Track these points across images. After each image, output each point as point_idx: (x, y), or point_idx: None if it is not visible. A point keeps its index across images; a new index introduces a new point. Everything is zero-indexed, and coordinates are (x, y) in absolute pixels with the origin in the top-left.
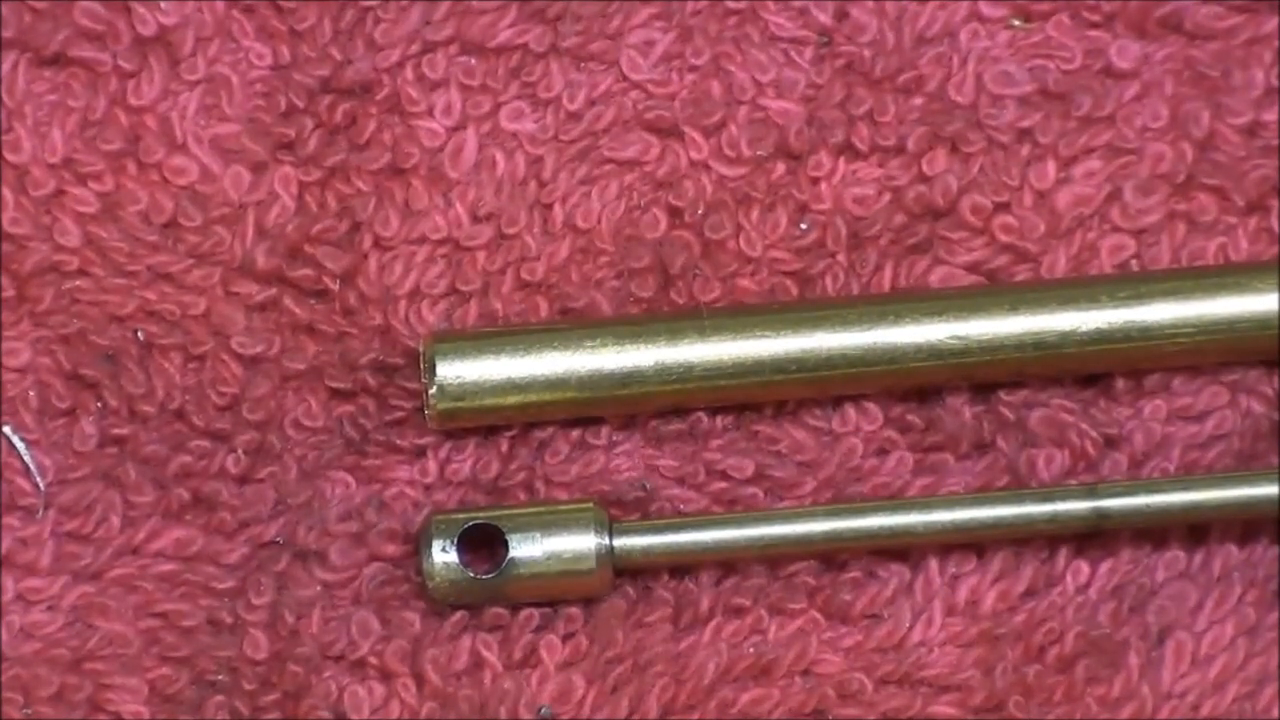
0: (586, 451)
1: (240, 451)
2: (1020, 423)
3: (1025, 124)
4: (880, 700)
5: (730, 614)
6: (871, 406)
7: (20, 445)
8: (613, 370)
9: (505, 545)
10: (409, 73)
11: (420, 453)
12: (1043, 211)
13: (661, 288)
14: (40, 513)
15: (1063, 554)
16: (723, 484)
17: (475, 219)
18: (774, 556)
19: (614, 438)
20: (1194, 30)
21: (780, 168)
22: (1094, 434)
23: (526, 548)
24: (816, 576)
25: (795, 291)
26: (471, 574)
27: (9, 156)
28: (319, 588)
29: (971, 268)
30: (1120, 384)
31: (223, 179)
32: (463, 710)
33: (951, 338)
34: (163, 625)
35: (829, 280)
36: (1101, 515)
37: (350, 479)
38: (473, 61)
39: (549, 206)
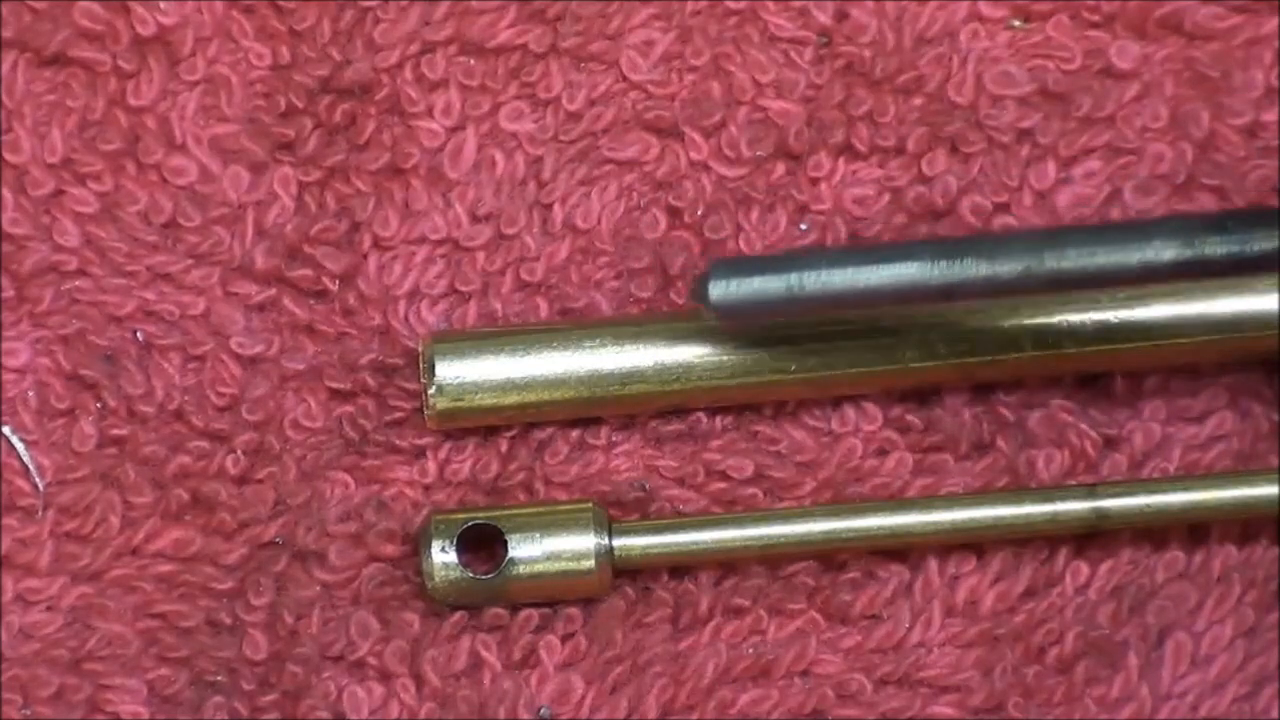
0: (586, 452)
1: (240, 452)
2: (1020, 423)
3: (1025, 124)
4: (880, 701)
5: (730, 614)
6: (871, 406)
7: (20, 445)
8: (612, 370)
9: (505, 545)
10: (409, 73)
11: (420, 453)
12: (1043, 211)
13: (661, 288)
14: (40, 513)
15: (1062, 554)
16: (722, 484)
17: (475, 219)
18: (774, 557)
19: (613, 438)
20: (1194, 30)
21: (780, 168)
22: (1094, 434)
23: (526, 548)
24: (816, 577)
25: None
26: (471, 574)
27: (9, 156)
28: (318, 588)
29: None
30: (1120, 384)
31: (222, 179)
32: (462, 711)
33: (951, 337)
34: (162, 626)
35: None
36: (1101, 515)
37: (350, 479)
38: (472, 61)
39: (549, 206)
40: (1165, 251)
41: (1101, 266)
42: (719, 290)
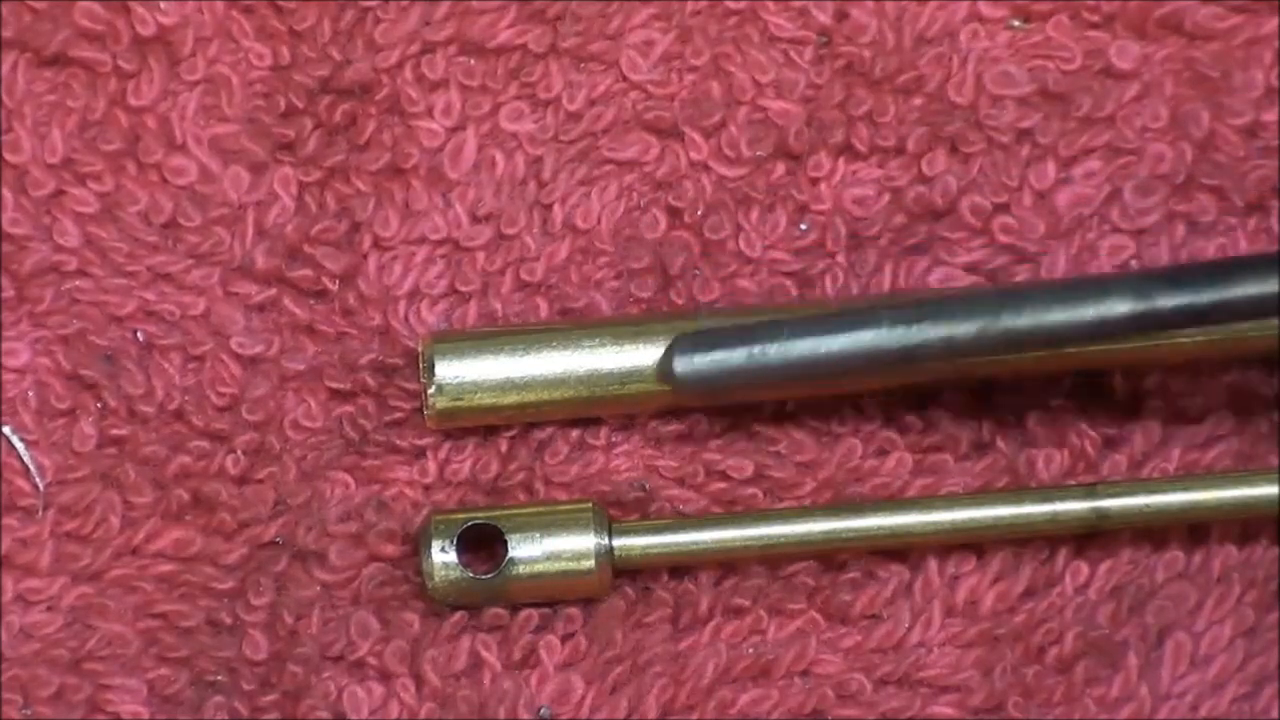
0: (586, 452)
1: (240, 452)
2: (1020, 423)
3: (1025, 124)
4: (879, 701)
5: (730, 614)
6: (871, 406)
7: (20, 445)
8: (611, 369)
9: (505, 545)
10: (409, 73)
11: (420, 453)
12: (1042, 212)
13: (661, 288)
14: (40, 513)
15: (1062, 554)
16: (722, 484)
17: (475, 219)
18: (774, 556)
19: (613, 438)
20: (1194, 30)
21: (780, 168)
22: (1094, 434)
23: (526, 548)
24: (816, 577)
25: (795, 292)
26: (471, 574)
27: (9, 156)
28: (318, 588)
29: (971, 268)
30: (1120, 384)
31: (222, 179)
32: (462, 711)
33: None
34: (162, 626)
35: (828, 281)
36: (1101, 515)
37: (350, 479)
38: (473, 62)
39: (549, 207)
40: (1119, 307)
41: (1057, 324)
42: (683, 365)
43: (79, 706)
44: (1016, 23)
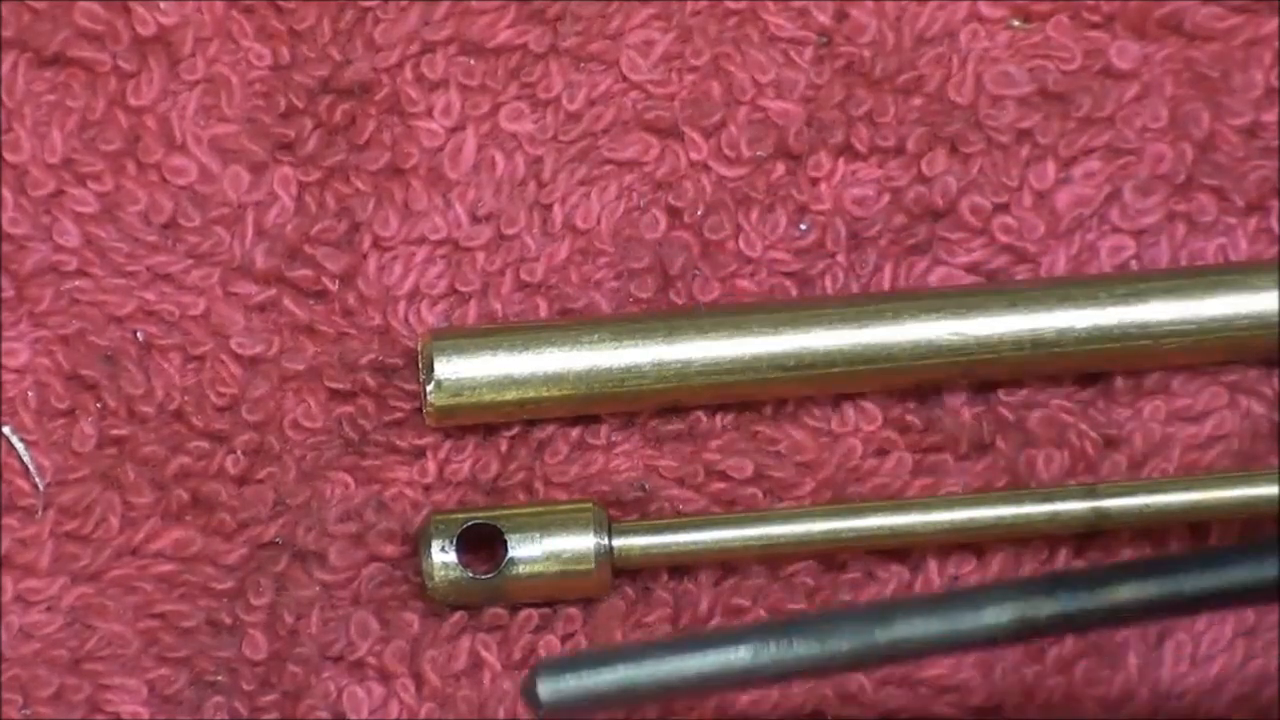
0: (585, 452)
1: (239, 452)
2: (1020, 423)
3: (1025, 124)
4: (880, 700)
5: (730, 614)
6: (870, 407)
7: (20, 445)
8: (610, 366)
9: (505, 545)
10: (408, 73)
11: (419, 453)
12: (1042, 212)
13: (661, 289)
14: (40, 513)
15: (1062, 554)
16: (722, 484)
17: (475, 219)
18: (773, 557)
19: (613, 438)
20: (1194, 31)
21: (780, 168)
22: (1093, 434)
23: (526, 548)
24: (816, 577)
25: (795, 292)
26: (471, 574)
27: (9, 156)
28: (318, 588)
29: (971, 268)
30: (1120, 384)
31: (222, 179)
32: (462, 710)
33: (950, 334)
34: (162, 626)
35: (828, 281)
36: (1101, 515)
37: (349, 479)
38: (472, 62)
39: (548, 207)
40: (1001, 617)
41: (932, 636)
42: (548, 690)
43: (79, 706)
44: (1016, 23)
